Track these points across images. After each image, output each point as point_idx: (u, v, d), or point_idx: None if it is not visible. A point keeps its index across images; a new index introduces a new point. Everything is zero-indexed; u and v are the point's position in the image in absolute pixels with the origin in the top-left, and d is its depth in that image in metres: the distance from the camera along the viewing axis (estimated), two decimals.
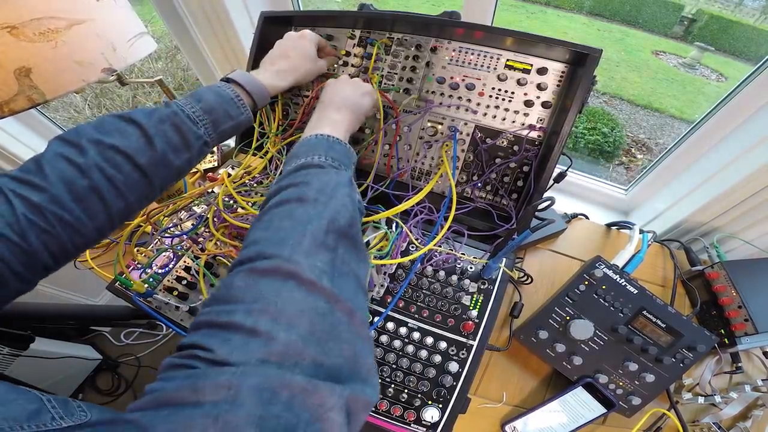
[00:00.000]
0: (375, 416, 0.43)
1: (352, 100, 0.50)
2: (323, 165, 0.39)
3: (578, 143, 2.52)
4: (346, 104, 0.49)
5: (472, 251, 0.54)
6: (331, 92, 0.51)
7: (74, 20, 0.51)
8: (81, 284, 1.19)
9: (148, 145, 0.38)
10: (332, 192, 0.35)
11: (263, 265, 0.28)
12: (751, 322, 0.53)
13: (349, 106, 0.49)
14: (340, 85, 0.52)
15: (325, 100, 0.50)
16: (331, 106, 0.49)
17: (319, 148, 0.41)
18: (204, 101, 0.43)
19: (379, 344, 0.47)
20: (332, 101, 0.49)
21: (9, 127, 0.88)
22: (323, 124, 0.46)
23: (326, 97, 0.50)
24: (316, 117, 0.48)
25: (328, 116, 0.48)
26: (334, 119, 0.47)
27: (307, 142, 0.43)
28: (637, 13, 4.22)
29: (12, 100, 0.48)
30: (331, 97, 0.50)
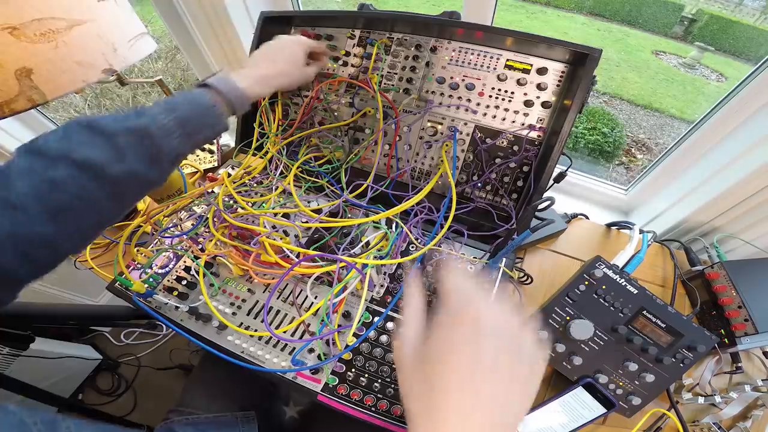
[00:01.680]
0: (375, 416, 0.43)
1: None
2: None
3: (578, 143, 2.52)
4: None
5: (472, 251, 0.54)
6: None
7: (75, 21, 0.52)
8: (81, 284, 1.20)
9: (118, 157, 0.36)
10: None
11: None
12: (751, 322, 0.53)
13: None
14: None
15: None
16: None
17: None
18: (178, 111, 0.40)
19: (379, 344, 0.47)
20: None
21: (9, 127, 0.88)
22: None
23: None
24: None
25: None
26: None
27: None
28: (638, 13, 4.23)
29: (13, 101, 0.48)
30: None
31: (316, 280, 0.51)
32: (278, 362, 0.47)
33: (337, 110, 0.65)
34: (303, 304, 0.50)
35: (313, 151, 0.65)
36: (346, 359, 0.46)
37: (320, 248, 0.53)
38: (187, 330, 0.50)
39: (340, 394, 0.44)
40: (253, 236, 0.51)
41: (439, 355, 0.27)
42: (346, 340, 0.46)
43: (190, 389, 0.66)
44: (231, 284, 0.53)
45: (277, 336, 0.45)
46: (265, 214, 0.54)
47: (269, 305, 0.50)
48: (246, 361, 0.47)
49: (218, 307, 0.51)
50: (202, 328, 0.50)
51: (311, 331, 0.47)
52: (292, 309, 0.50)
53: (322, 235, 0.53)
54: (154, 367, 1.22)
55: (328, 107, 0.65)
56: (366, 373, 0.46)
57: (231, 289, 0.52)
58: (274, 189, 0.60)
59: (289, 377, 0.45)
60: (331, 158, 0.65)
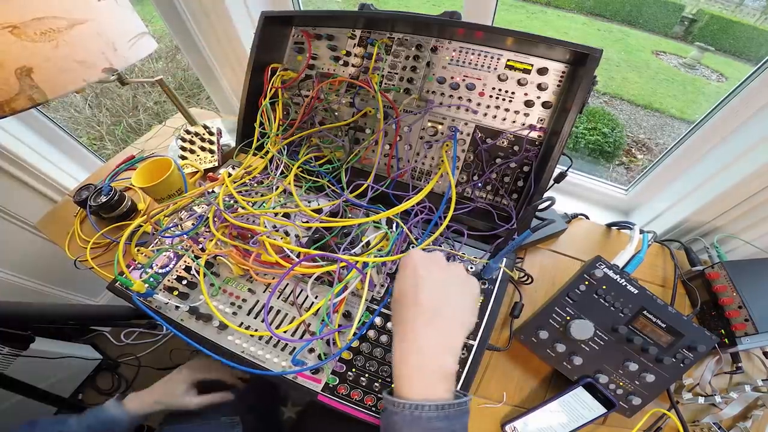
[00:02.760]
0: (375, 416, 0.43)
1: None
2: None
3: (578, 143, 2.52)
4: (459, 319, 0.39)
5: (472, 251, 0.54)
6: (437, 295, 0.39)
7: (75, 20, 0.52)
8: (81, 284, 1.20)
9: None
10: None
11: None
12: (751, 322, 0.53)
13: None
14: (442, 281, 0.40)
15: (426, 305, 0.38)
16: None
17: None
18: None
19: (379, 344, 0.47)
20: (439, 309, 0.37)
21: (10, 127, 0.88)
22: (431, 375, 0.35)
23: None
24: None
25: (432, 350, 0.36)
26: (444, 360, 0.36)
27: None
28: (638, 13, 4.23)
29: (13, 100, 0.48)
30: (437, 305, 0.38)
31: (317, 280, 0.51)
32: (279, 362, 0.47)
33: (338, 110, 0.65)
34: (303, 304, 0.50)
35: (313, 151, 0.65)
36: (347, 359, 0.46)
37: (321, 248, 0.53)
38: (187, 330, 0.50)
39: (341, 394, 0.44)
40: (253, 236, 0.51)
41: (397, 290, 0.40)
42: (346, 340, 0.46)
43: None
44: (231, 284, 0.53)
45: (277, 336, 0.45)
46: (265, 214, 0.54)
47: (270, 305, 0.50)
48: (246, 361, 0.47)
49: (219, 306, 0.51)
50: (202, 327, 0.50)
51: (311, 331, 0.47)
52: (292, 309, 0.50)
53: (323, 235, 0.53)
54: (154, 367, 1.22)
55: (329, 107, 0.65)
56: (366, 373, 0.46)
57: (231, 289, 0.52)
58: (274, 189, 0.60)
59: (289, 377, 0.45)
60: (332, 158, 0.65)
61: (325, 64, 0.65)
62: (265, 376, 0.45)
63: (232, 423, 0.62)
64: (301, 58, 0.66)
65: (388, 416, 0.34)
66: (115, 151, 1.52)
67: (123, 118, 2.06)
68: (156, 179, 0.64)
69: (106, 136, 1.99)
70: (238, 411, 0.64)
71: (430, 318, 0.36)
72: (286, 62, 0.67)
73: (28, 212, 0.95)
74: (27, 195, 0.95)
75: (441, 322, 0.36)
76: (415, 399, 0.33)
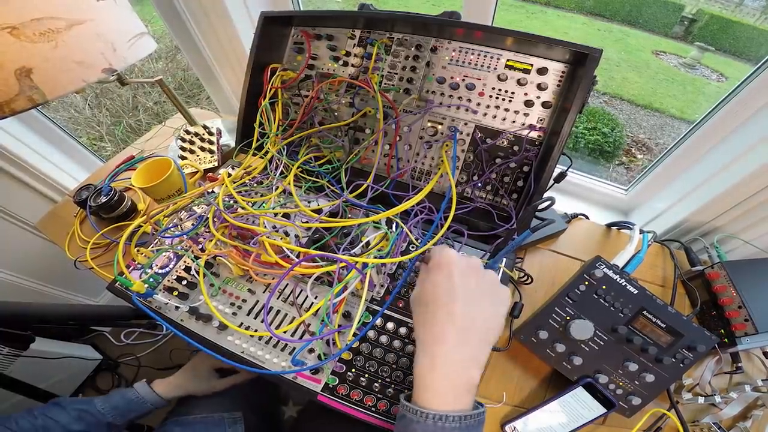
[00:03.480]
0: (375, 416, 0.43)
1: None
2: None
3: (578, 143, 2.51)
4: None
5: (472, 251, 0.54)
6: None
7: (74, 20, 0.52)
8: (81, 284, 1.20)
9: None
10: None
11: None
12: (751, 322, 0.53)
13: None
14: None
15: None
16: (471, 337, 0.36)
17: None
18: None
19: (378, 344, 0.47)
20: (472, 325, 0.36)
21: (10, 127, 0.88)
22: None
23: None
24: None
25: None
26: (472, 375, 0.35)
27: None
28: (638, 13, 4.22)
29: (13, 101, 0.48)
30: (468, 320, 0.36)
31: (317, 280, 0.51)
32: (278, 362, 0.47)
33: (338, 110, 0.65)
34: (303, 304, 0.50)
35: (313, 151, 0.65)
36: (347, 359, 0.46)
37: (320, 248, 0.53)
38: (187, 330, 0.50)
39: (341, 395, 0.44)
40: (253, 236, 0.51)
41: (428, 293, 0.38)
42: (346, 340, 0.46)
43: None
44: (231, 284, 0.53)
45: (277, 336, 0.45)
46: (265, 214, 0.54)
47: (269, 305, 0.50)
48: (246, 362, 0.47)
49: (218, 307, 0.51)
50: (202, 328, 0.50)
51: (311, 331, 0.47)
52: (292, 309, 0.50)
53: (323, 235, 0.53)
54: (154, 367, 1.22)
55: (329, 107, 0.65)
56: (366, 373, 0.46)
57: (231, 289, 0.52)
58: (274, 189, 0.60)
59: (289, 377, 0.45)
60: (332, 158, 0.65)
61: (324, 64, 0.65)
62: (265, 376, 0.45)
63: (234, 419, 0.62)
64: (301, 58, 0.66)
65: (406, 424, 0.33)
66: (115, 152, 1.52)
67: (123, 118, 2.06)
68: (156, 179, 0.64)
69: (106, 136, 1.99)
70: (240, 408, 0.64)
71: (463, 330, 0.35)
72: (285, 62, 0.67)
73: (28, 212, 0.95)
74: (27, 195, 0.95)
75: (473, 335, 0.35)
76: (440, 410, 0.32)
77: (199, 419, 0.61)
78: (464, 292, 0.37)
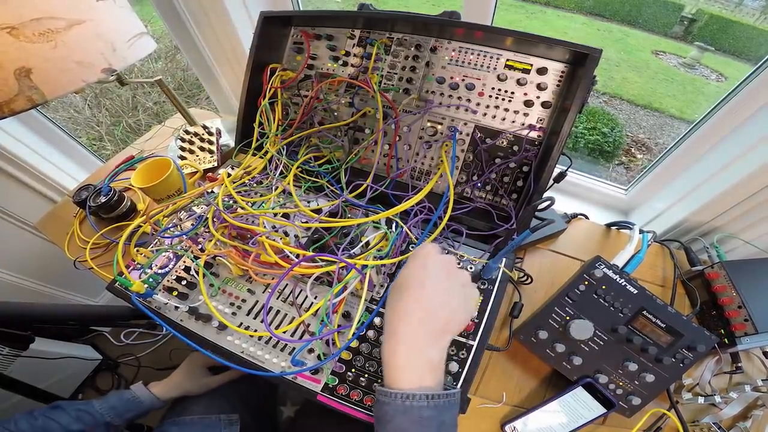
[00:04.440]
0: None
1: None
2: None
3: (578, 143, 2.51)
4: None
5: (471, 251, 0.54)
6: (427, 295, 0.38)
7: (74, 20, 0.52)
8: (81, 284, 1.20)
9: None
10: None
11: None
12: (751, 322, 0.53)
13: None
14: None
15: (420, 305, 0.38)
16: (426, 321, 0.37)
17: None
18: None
19: (378, 344, 0.47)
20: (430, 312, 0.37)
21: (9, 128, 0.88)
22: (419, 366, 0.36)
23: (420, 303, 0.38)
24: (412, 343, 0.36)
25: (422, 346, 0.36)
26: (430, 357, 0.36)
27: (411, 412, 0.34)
28: (637, 13, 4.22)
29: (12, 101, 0.48)
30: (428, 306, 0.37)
31: (316, 280, 0.51)
32: (278, 362, 0.47)
33: (337, 110, 0.65)
34: (303, 305, 0.50)
35: (312, 151, 0.65)
36: (346, 359, 0.46)
37: (320, 248, 0.53)
38: (187, 330, 0.50)
39: (340, 395, 0.44)
40: (252, 236, 0.51)
41: (403, 279, 0.40)
42: (345, 340, 0.46)
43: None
44: (231, 284, 0.53)
45: (277, 336, 0.45)
46: (264, 214, 0.54)
47: (269, 305, 0.50)
48: (246, 362, 0.47)
49: (218, 307, 0.51)
50: (202, 328, 0.50)
51: (311, 331, 0.47)
52: (292, 309, 0.50)
53: (322, 235, 0.53)
54: (154, 367, 1.22)
55: (328, 107, 0.65)
56: (366, 373, 0.45)
57: (231, 289, 0.52)
58: (273, 189, 0.60)
59: (289, 378, 0.45)
60: (331, 158, 0.65)
61: (324, 64, 0.65)
62: (265, 376, 0.45)
63: (230, 420, 0.62)
64: (300, 58, 0.66)
65: (380, 407, 0.35)
66: (115, 152, 1.52)
67: (122, 118, 2.06)
68: (155, 179, 0.64)
69: (105, 136, 1.99)
70: (237, 409, 0.65)
71: (425, 317, 0.37)
72: (285, 62, 0.67)
73: (27, 212, 0.95)
74: (27, 195, 0.95)
75: (434, 323, 0.37)
76: (405, 389, 0.34)
77: (196, 420, 0.61)
78: (435, 280, 0.39)
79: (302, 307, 0.50)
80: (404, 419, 0.33)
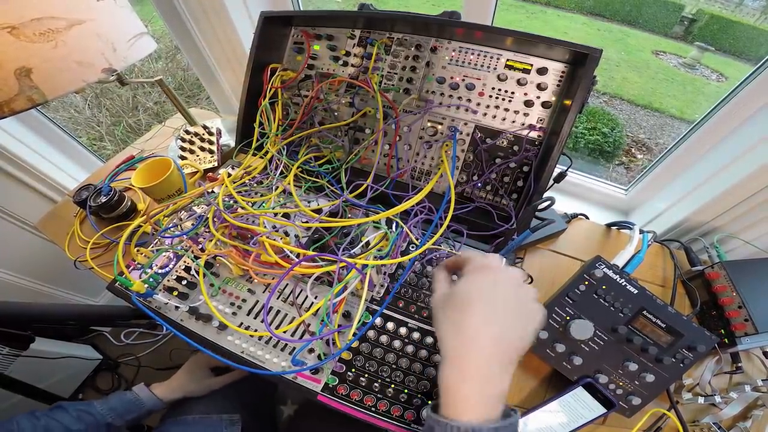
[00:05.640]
0: (374, 416, 0.43)
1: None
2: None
3: (578, 143, 2.51)
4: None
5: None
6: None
7: (74, 20, 0.52)
8: (81, 284, 1.20)
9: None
10: None
11: None
12: (751, 322, 0.53)
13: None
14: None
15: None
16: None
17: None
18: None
19: (378, 344, 0.47)
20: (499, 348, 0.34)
21: (9, 127, 0.88)
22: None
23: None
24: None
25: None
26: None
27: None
28: (638, 13, 4.22)
29: (12, 100, 0.48)
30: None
31: (316, 280, 0.51)
32: (278, 362, 0.47)
33: (337, 110, 0.65)
34: (303, 304, 0.50)
35: (313, 151, 0.65)
36: (346, 359, 0.46)
37: (320, 248, 0.53)
38: (187, 330, 0.50)
39: (340, 395, 0.44)
40: (253, 236, 0.51)
41: (467, 294, 0.36)
42: (346, 340, 0.46)
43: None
44: (231, 284, 0.53)
45: (277, 336, 0.45)
46: (265, 214, 0.54)
47: (269, 305, 0.50)
48: (246, 362, 0.47)
49: (218, 307, 0.51)
50: (202, 328, 0.50)
51: (311, 331, 0.47)
52: (292, 309, 0.50)
53: (322, 235, 0.53)
54: (154, 367, 1.22)
55: (328, 107, 0.65)
56: (366, 373, 0.46)
57: (231, 289, 0.52)
58: (274, 189, 0.60)
59: (289, 377, 0.45)
60: (331, 158, 0.65)
61: (324, 64, 0.65)
62: (265, 376, 0.45)
63: (232, 421, 0.62)
64: (301, 58, 0.66)
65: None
66: (115, 152, 1.52)
67: (123, 118, 2.06)
68: (156, 179, 0.64)
69: (105, 136, 1.99)
70: (237, 409, 0.65)
71: (498, 340, 0.33)
72: (285, 62, 0.67)
73: (28, 212, 0.95)
74: (27, 195, 0.95)
75: (508, 349, 0.34)
76: (471, 422, 0.31)
77: (198, 419, 0.61)
78: (505, 298, 0.35)
79: (302, 307, 0.50)
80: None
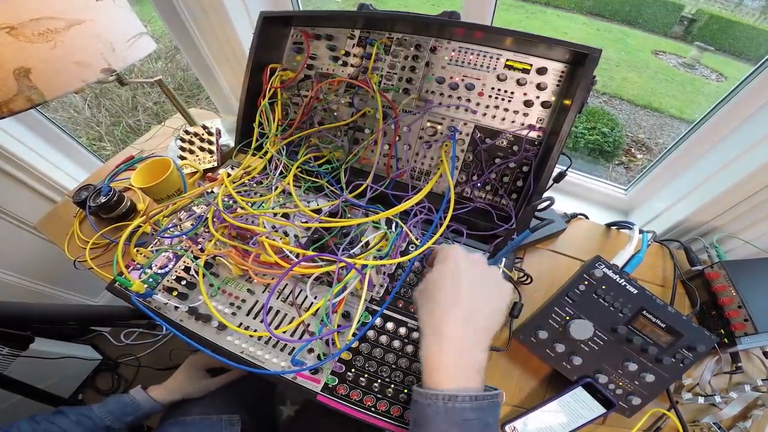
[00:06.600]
0: (374, 416, 0.43)
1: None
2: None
3: (578, 143, 2.51)
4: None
5: (471, 251, 0.54)
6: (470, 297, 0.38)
7: (73, 20, 0.51)
8: (81, 284, 1.19)
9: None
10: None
11: None
12: (750, 322, 0.53)
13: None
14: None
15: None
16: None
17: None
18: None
19: (378, 344, 0.47)
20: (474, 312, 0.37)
21: (9, 127, 0.88)
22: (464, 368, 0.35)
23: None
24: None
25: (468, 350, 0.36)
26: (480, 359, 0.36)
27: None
28: (637, 13, 4.22)
29: (11, 101, 0.48)
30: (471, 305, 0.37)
31: (316, 280, 0.51)
32: (278, 362, 0.47)
33: (337, 110, 0.65)
34: (303, 305, 0.50)
35: (312, 151, 0.65)
36: (346, 359, 0.46)
37: (320, 248, 0.53)
38: (187, 330, 0.50)
39: (340, 395, 0.44)
40: (252, 236, 0.51)
41: (435, 282, 0.39)
42: (345, 340, 0.46)
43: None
44: (230, 284, 0.53)
45: (276, 336, 0.45)
46: (264, 214, 0.54)
47: (269, 305, 0.50)
48: (246, 362, 0.47)
49: (218, 307, 0.51)
50: (201, 328, 0.50)
51: (311, 331, 0.47)
52: (291, 309, 0.50)
53: (322, 235, 0.53)
54: (154, 367, 1.22)
55: (328, 107, 0.65)
56: (366, 373, 0.45)
57: (230, 290, 0.52)
58: (273, 189, 0.60)
59: (288, 377, 0.45)
60: (331, 158, 0.65)
61: (324, 64, 0.65)
62: (265, 376, 0.45)
63: (231, 421, 0.62)
64: (300, 58, 0.66)
65: (419, 409, 0.34)
66: (115, 152, 1.52)
67: (122, 118, 2.06)
68: (155, 179, 0.64)
69: (105, 136, 1.99)
70: (237, 410, 0.65)
71: (467, 317, 0.36)
72: (285, 62, 0.67)
73: (27, 212, 0.95)
74: (27, 195, 0.95)
75: (476, 321, 0.36)
76: (449, 390, 0.33)
77: (197, 420, 0.61)
78: (469, 280, 0.38)
79: (302, 307, 0.50)
80: (446, 421, 0.32)
